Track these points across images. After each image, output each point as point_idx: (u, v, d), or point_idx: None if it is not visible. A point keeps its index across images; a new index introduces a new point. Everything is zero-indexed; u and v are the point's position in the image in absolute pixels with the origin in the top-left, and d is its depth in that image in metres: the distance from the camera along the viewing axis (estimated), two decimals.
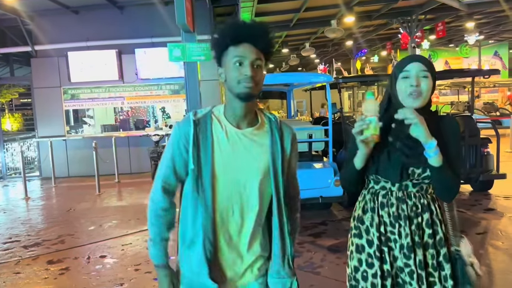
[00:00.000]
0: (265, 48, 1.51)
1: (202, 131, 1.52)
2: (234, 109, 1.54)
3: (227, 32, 1.49)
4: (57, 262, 4.58)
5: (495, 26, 17.24)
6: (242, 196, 1.54)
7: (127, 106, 10.72)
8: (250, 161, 1.54)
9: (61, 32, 9.99)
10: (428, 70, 1.69)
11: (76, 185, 9.33)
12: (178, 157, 1.55)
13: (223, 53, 1.51)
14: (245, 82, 1.46)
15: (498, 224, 5.18)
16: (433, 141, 1.60)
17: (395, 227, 1.73)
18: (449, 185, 1.69)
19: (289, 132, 1.63)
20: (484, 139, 6.38)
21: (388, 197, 1.76)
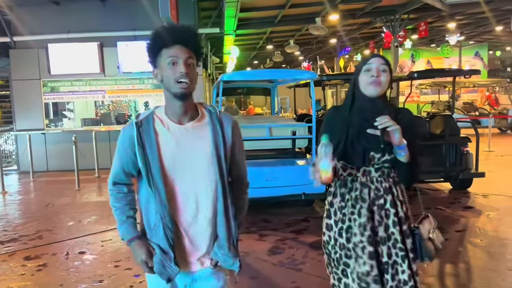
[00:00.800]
0: (195, 48, 1.65)
1: (145, 131, 1.65)
2: (173, 108, 1.67)
3: (160, 36, 1.63)
4: (34, 258, 4.48)
5: (476, 27, 17.55)
6: (193, 186, 1.67)
7: (108, 100, 10.55)
8: (194, 152, 1.67)
9: (41, 23, 9.76)
10: (387, 65, 1.97)
11: (55, 180, 9.15)
12: (125, 158, 1.71)
13: (157, 55, 1.65)
14: (181, 78, 1.59)
15: (477, 222, 5.27)
16: (404, 143, 1.85)
17: (355, 208, 1.97)
18: (411, 174, 1.96)
19: (229, 121, 1.75)
20: (463, 138, 6.49)
21: (354, 183, 1.99)
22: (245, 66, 28.64)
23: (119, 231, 1.75)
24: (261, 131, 5.79)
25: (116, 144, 1.74)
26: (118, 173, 1.76)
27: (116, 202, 1.76)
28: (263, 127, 5.84)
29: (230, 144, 1.73)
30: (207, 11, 11.94)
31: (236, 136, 1.77)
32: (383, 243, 1.94)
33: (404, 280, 1.94)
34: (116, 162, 1.75)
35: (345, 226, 2.00)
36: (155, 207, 1.65)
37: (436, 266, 3.97)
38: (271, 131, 5.80)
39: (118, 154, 1.74)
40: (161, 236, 1.65)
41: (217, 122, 1.71)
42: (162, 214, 1.64)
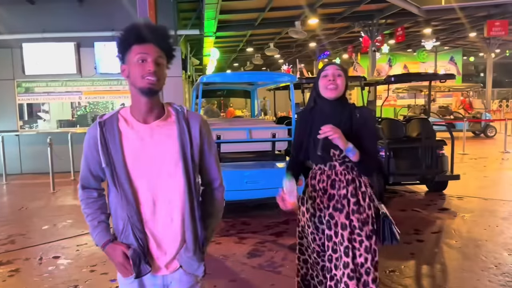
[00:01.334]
0: (166, 48, 1.63)
1: (109, 131, 1.61)
2: (139, 105, 1.63)
3: (132, 32, 1.60)
4: (6, 264, 4.34)
5: (451, 33, 18.00)
6: (159, 187, 1.63)
7: (85, 101, 10.35)
8: (160, 152, 1.63)
9: (15, 22, 9.50)
10: (342, 70, 2.24)
11: (29, 183, 8.92)
12: (91, 159, 1.67)
13: (127, 51, 1.61)
14: (148, 76, 1.55)
15: (452, 224, 5.38)
16: (349, 146, 2.10)
17: (322, 198, 2.24)
18: (367, 168, 2.21)
19: (197, 120, 1.71)
20: (439, 141, 6.62)
21: (321, 176, 2.26)
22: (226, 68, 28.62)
23: (93, 237, 1.71)
24: (241, 133, 5.78)
25: (83, 147, 1.70)
26: (86, 176, 1.72)
27: (87, 208, 1.73)
28: (243, 129, 5.83)
29: (198, 143, 1.69)
30: (186, 13, 11.88)
31: (205, 136, 1.72)
32: (344, 228, 2.17)
33: (361, 263, 2.14)
34: (83, 165, 1.71)
35: (317, 214, 2.26)
36: (122, 207, 1.61)
37: (413, 267, 4.03)
38: (251, 134, 5.80)
39: (85, 156, 1.69)
40: (130, 237, 1.62)
41: (184, 121, 1.67)
42: (129, 214, 1.60)
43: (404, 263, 4.06)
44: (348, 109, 2.24)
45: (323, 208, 2.22)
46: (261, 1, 10.97)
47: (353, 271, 2.12)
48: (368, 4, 11.98)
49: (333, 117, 2.20)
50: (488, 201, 6.39)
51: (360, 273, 2.13)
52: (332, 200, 2.20)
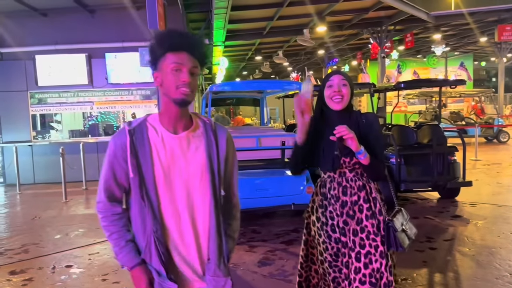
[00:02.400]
0: (200, 58, 1.59)
1: (139, 140, 1.56)
2: (169, 114, 1.60)
3: (167, 39, 1.56)
4: (20, 273, 4.39)
5: (461, 38, 17.89)
6: (187, 199, 1.59)
7: (97, 111, 10.48)
8: (188, 164, 1.60)
9: (28, 34, 9.70)
10: (346, 80, 2.21)
11: (42, 192, 9.02)
12: (118, 168, 1.59)
13: (160, 58, 1.56)
14: (183, 87, 1.52)
15: (465, 231, 5.31)
16: (361, 149, 2.08)
17: (335, 206, 2.20)
18: (376, 172, 2.18)
19: (224, 134, 1.70)
20: (450, 148, 6.56)
21: (332, 183, 2.23)
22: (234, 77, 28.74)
23: (118, 257, 1.61)
24: (251, 141, 5.80)
25: (105, 155, 1.62)
26: (109, 187, 1.61)
27: (111, 225, 1.61)
28: (252, 137, 5.85)
29: (224, 157, 1.67)
30: (196, 23, 12.00)
31: (230, 150, 1.71)
32: (355, 234, 2.16)
33: (377, 268, 2.11)
34: (107, 175, 1.61)
35: (329, 223, 2.22)
36: (147, 222, 1.55)
37: (425, 275, 3.99)
38: (261, 141, 5.81)
39: (109, 165, 1.60)
40: (153, 253, 1.56)
41: (212, 134, 1.65)
42: (154, 228, 1.54)
43: (416, 271, 4.02)
44: (354, 116, 2.24)
45: (336, 216, 2.20)
46: (270, 10, 11.04)
47: (364, 276, 2.11)
48: (377, 11, 11.98)
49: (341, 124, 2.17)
50: (501, 208, 6.31)
51: (376, 278, 2.11)
52: (345, 207, 2.18)
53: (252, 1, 10.25)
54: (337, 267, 2.21)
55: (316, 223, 2.27)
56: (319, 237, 2.25)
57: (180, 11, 9.36)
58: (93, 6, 9.69)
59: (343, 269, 2.18)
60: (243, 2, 10.02)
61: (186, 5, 9.79)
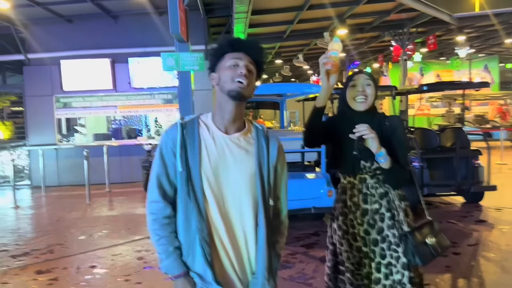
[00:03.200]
0: (257, 58, 1.60)
1: (189, 135, 1.55)
2: (223, 113, 1.57)
3: (226, 42, 1.60)
4: (45, 272, 4.50)
5: (485, 40, 17.51)
6: (235, 202, 1.54)
7: (120, 115, 10.67)
8: (238, 166, 1.55)
9: (54, 40, 9.97)
10: (371, 79, 2.11)
11: (67, 194, 9.23)
12: (169, 161, 1.56)
13: (219, 59, 1.59)
14: (239, 78, 1.52)
15: (489, 236, 5.20)
16: (382, 151, 1.99)
17: (356, 214, 2.11)
18: (397, 178, 2.08)
19: (275, 141, 1.65)
20: (474, 151, 6.44)
21: (352, 190, 2.14)
22: None
23: (163, 263, 1.54)
24: None
25: (157, 149, 1.59)
26: (162, 183, 1.56)
27: (161, 229, 1.55)
28: None
29: (274, 166, 1.61)
30: (217, 27, 12.10)
31: (280, 160, 1.65)
32: (375, 244, 2.08)
33: (399, 280, 2.03)
34: (159, 170, 1.56)
35: (350, 231, 2.13)
36: (192, 220, 1.50)
37: (448, 280, 3.92)
38: None
39: (161, 160, 1.56)
40: (198, 253, 1.50)
41: (263, 140, 1.61)
42: (199, 227, 1.48)
43: (439, 276, 3.96)
44: (378, 119, 2.13)
45: (357, 224, 2.10)
46: (290, 14, 11.04)
47: (384, 287, 2.04)
48: (398, 13, 11.84)
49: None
50: None
51: None
52: (366, 215, 2.09)
53: (272, 5, 10.28)
54: (360, 275, 2.09)
55: (337, 231, 2.18)
56: (341, 246, 2.15)
57: (201, 16, 9.47)
58: (116, 12, 9.90)
59: (365, 280, 2.09)
60: (264, 6, 10.06)
61: (207, 10, 9.89)
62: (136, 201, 8.07)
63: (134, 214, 7.06)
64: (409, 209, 2.14)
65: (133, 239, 5.53)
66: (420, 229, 2.07)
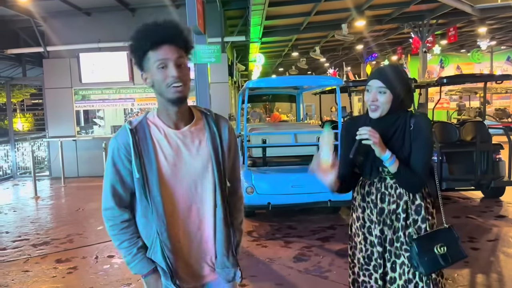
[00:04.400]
0: (184, 45, 1.51)
1: (142, 139, 1.52)
2: (169, 112, 1.54)
3: (144, 37, 1.48)
4: (65, 261, 4.60)
5: (508, 31, 17.08)
6: (195, 195, 1.57)
7: (137, 107, 10.77)
8: (194, 159, 1.56)
9: (73, 33, 10.09)
10: (386, 86, 1.93)
11: (85, 185, 9.38)
12: (122, 168, 1.54)
13: (143, 58, 1.51)
14: (174, 83, 1.46)
15: (510, 231, 5.10)
16: (387, 155, 1.91)
17: (373, 212, 2.07)
18: (406, 182, 1.98)
19: (226, 123, 1.66)
20: (496, 145, 6.31)
21: (371, 187, 2.09)
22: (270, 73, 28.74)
23: (130, 265, 1.59)
24: (287, 137, 5.79)
25: (108, 158, 1.56)
26: (116, 192, 1.56)
27: (120, 233, 1.57)
28: (288, 133, 5.84)
29: (228, 148, 1.63)
30: (233, 20, 12.07)
31: (232, 141, 1.67)
32: (391, 244, 2.03)
33: (409, 279, 1.98)
34: (111, 179, 1.56)
35: (366, 225, 2.10)
36: (152, 223, 1.52)
37: (467, 276, 3.86)
38: (297, 138, 5.80)
39: (113, 168, 1.54)
40: (158, 255, 1.54)
41: (214, 125, 1.61)
42: (159, 230, 1.51)
43: (457, 271, 3.90)
44: (402, 120, 1.99)
45: (373, 221, 2.07)
46: (307, 5, 10.93)
47: (398, 287, 2.00)
48: (418, 5, 11.62)
49: (382, 131, 1.95)
50: None
51: None
52: (382, 215, 2.04)
53: None
54: (368, 271, 2.08)
55: (356, 222, 2.17)
56: (357, 237, 2.15)
57: (218, 9, 9.45)
58: (134, 5, 9.95)
59: (373, 274, 2.06)
60: None
61: (224, 3, 9.87)
62: None
63: None
64: (431, 207, 2.05)
65: None
66: (433, 236, 1.98)
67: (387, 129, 1.97)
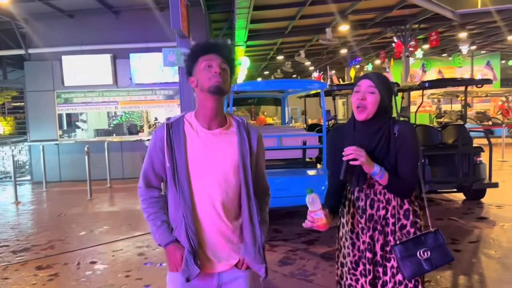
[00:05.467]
0: (227, 57, 1.78)
1: (175, 132, 1.74)
2: (205, 111, 1.76)
3: (198, 47, 1.79)
4: (46, 268, 4.51)
5: (488, 36, 17.44)
6: (218, 191, 1.73)
7: (121, 110, 10.67)
8: (221, 158, 1.75)
9: (55, 35, 9.95)
10: (376, 87, 1.97)
11: (68, 190, 9.24)
12: (156, 159, 1.79)
13: (194, 64, 1.78)
14: (214, 77, 1.71)
15: (491, 233, 5.19)
16: (375, 170, 1.92)
17: (362, 217, 2.06)
18: (398, 191, 2.00)
19: (255, 132, 1.86)
20: (476, 148, 6.41)
21: (359, 194, 2.07)
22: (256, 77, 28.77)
23: (155, 236, 1.78)
24: (272, 140, 5.80)
25: (148, 147, 1.82)
26: (148, 175, 1.82)
27: (149, 207, 1.81)
28: (273, 136, 5.85)
29: (255, 154, 1.83)
30: (218, 23, 12.06)
31: (260, 148, 1.87)
32: (382, 249, 2.03)
33: (399, 281, 2.00)
34: (147, 164, 1.82)
35: (355, 231, 2.10)
36: (179, 207, 1.71)
37: (449, 277, 3.91)
38: (282, 141, 5.81)
39: (149, 156, 1.80)
40: (183, 236, 1.71)
41: (244, 132, 1.81)
42: (185, 214, 1.70)
43: (440, 273, 3.95)
44: (386, 128, 2.00)
45: (363, 228, 2.06)
46: (292, 9, 10.99)
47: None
48: (401, 9, 11.79)
49: (367, 139, 1.99)
50: None
51: None
52: (372, 221, 2.04)
53: (274, 1, 10.23)
54: (355, 275, 2.08)
55: (345, 226, 2.16)
56: (345, 240, 2.15)
57: (203, 12, 9.44)
58: (117, 7, 9.87)
59: (360, 279, 2.05)
60: (265, 1, 10.01)
61: (209, 6, 9.86)
62: (137, 197, 7.95)
63: (135, 210, 7.06)
64: (419, 209, 2.07)
65: (134, 235, 5.54)
66: (417, 240, 1.97)
67: (372, 138, 1.99)
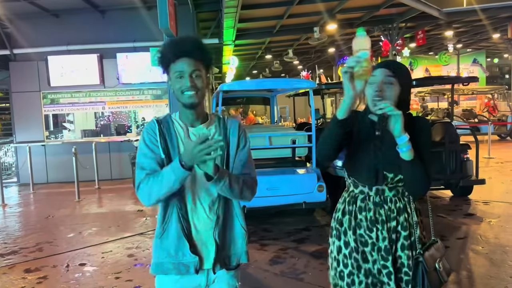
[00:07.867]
0: (201, 58, 1.72)
1: (166, 127, 1.77)
2: (186, 114, 1.78)
3: (166, 51, 1.72)
4: (34, 271, 4.45)
5: (473, 35, 17.68)
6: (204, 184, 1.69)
7: (108, 111, 10.57)
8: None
9: (41, 35, 9.81)
10: (396, 75, 1.73)
11: (55, 192, 9.13)
12: (152, 146, 1.75)
13: (167, 69, 1.74)
14: (187, 91, 1.68)
15: (478, 229, 5.26)
16: (406, 135, 1.65)
17: (372, 231, 1.79)
18: (419, 179, 1.72)
19: (235, 124, 1.86)
20: (463, 145, 6.49)
21: (366, 202, 1.82)
22: (244, 76, 28.76)
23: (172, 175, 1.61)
24: (261, 140, 5.80)
25: (139, 146, 1.79)
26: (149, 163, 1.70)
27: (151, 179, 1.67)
28: (262, 136, 5.85)
29: (236, 145, 1.82)
30: (206, 22, 12.02)
31: (241, 137, 1.85)
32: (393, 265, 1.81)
33: None
34: (148, 155, 1.72)
35: (360, 250, 1.82)
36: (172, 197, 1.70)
37: None
38: (271, 140, 5.81)
39: (147, 148, 1.73)
40: (174, 226, 1.71)
41: (223, 126, 1.83)
42: (179, 205, 1.72)
43: None
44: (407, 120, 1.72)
45: (376, 244, 1.79)
46: (280, 8, 11.01)
47: None
48: (388, 8, 11.89)
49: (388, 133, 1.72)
50: None
51: None
52: (382, 234, 1.78)
53: (262, 0, 10.24)
54: None
55: (343, 249, 1.86)
56: (345, 267, 1.84)
57: (191, 11, 9.39)
58: (104, 6, 9.77)
59: None
60: (253, 1, 10.01)
61: (196, 5, 9.81)
62: (126, 198, 8.01)
63: (124, 211, 7.01)
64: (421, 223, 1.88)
65: (123, 236, 5.50)
66: (427, 251, 1.79)
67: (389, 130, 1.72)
